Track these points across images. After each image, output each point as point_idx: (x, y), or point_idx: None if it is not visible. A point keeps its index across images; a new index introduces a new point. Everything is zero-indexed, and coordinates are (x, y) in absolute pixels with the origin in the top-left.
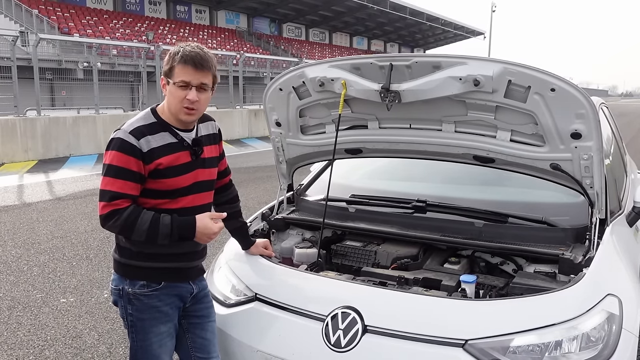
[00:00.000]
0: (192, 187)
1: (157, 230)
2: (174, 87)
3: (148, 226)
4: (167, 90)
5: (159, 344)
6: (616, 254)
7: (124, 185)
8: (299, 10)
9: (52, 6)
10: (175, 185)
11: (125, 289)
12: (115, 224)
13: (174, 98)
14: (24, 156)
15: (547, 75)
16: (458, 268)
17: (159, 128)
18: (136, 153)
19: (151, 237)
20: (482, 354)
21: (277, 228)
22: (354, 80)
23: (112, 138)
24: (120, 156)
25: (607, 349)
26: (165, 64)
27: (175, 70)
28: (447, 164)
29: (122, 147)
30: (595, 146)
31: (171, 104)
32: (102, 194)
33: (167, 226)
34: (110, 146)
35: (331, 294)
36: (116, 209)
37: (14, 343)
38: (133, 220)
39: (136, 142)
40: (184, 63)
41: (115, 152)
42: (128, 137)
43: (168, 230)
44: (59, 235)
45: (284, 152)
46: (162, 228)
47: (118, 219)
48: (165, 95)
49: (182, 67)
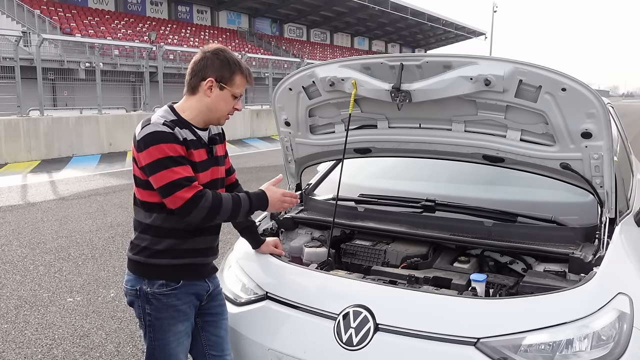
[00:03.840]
0: (209, 184)
1: (239, 207)
2: (230, 96)
3: (232, 205)
4: (218, 95)
5: (177, 343)
6: (626, 253)
7: (185, 169)
8: (301, 11)
9: (54, 6)
10: (200, 182)
11: (144, 289)
12: (203, 206)
13: (225, 104)
14: (27, 156)
15: (558, 74)
16: (468, 267)
17: (180, 125)
18: (177, 139)
19: (234, 215)
20: (494, 352)
21: (285, 227)
22: (364, 80)
23: (147, 134)
24: (168, 146)
25: (618, 348)
26: (220, 69)
27: (236, 81)
28: (456, 164)
29: (163, 137)
30: (605, 146)
31: (219, 108)
32: (172, 185)
33: (246, 200)
34: (148, 143)
35: (342, 292)
36: (198, 192)
37: (22, 342)
38: (219, 201)
39: (172, 130)
40: (244, 76)
41: (160, 144)
42: (163, 128)
43: (248, 205)
44: (63, 235)
45: (293, 151)
46: (244, 205)
47: (206, 201)
48: (207, 97)
49: (242, 79)
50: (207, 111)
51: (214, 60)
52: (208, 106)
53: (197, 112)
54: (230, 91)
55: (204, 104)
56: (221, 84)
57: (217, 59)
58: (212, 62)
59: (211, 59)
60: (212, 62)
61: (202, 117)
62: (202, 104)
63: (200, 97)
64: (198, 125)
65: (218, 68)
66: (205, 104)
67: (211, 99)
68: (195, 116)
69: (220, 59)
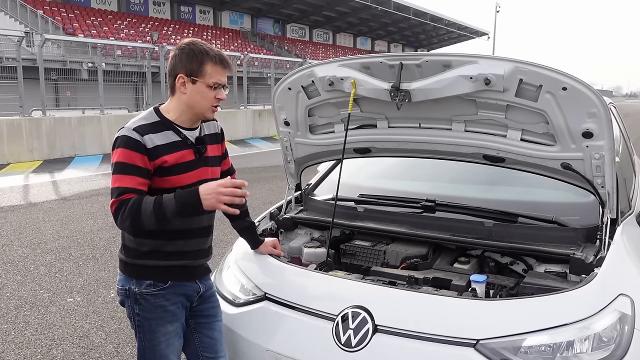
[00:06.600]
0: (196, 185)
1: (162, 208)
2: (206, 87)
3: (152, 207)
4: (192, 89)
5: (167, 344)
6: (627, 254)
7: (131, 180)
8: (303, 11)
9: (56, 7)
10: (180, 183)
11: (132, 289)
12: (123, 216)
13: (203, 97)
14: (29, 156)
15: (558, 74)
16: (468, 268)
17: (162, 127)
18: (141, 148)
19: (160, 217)
20: (494, 353)
21: (285, 228)
22: (363, 79)
23: (117, 137)
24: (126, 152)
25: (620, 349)
26: (188, 63)
27: (206, 70)
28: (457, 164)
29: (127, 143)
30: (606, 145)
31: (198, 102)
32: (112, 192)
33: (171, 200)
34: (115, 145)
35: (341, 293)
36: (120, 202)
37: (22, 342)
38: (137, 207)
39: (140, 138)
40: (215, 63)
41: (121, 149)
42: (132, 134)
43: (173, 204)
44: (65, 235)
45: (293, 151)
46: (167, 203)
47: (124, 210)
48: (183, 94)
49: (213, 67)
50: (187, 108)
51: (181, 56)
52: (187, 103)
53: (180, 112)
54: (203, 82)
55: (183, 101)
56: (192, 77)
57: (184, 53)
58: (180, 58)
59: (179, 55)
60: (180, 58)
61: (185, 115)
62: (181, 102)
63: (178, 95)
64: (184, 125)
65: (186, 62)
66: (184, 101)
67: (187, 95)
68: (179, 115)
69: (186, 53)
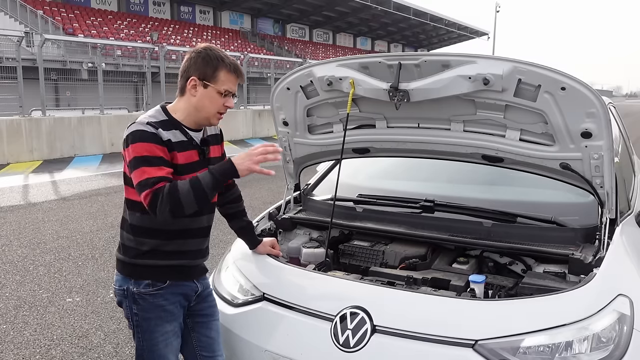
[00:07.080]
0: None
1: (200, 185)
2: (216, 93)
3: (190, 186)
4: (203, 93)
5: (165, 344)
6: (626, 254)
7: (159, 170)
8: (303, 11)
9: (56, 7)
10: None
11: (130, 288)
12: (162, 203)
13: (211, 103)
14: (29, 156)
15: (557, 73)
16: (466, 268)
17: (170, 126)
18: (158, 140)
19: (199, 195)
20: (492, 354)
21: (284, 228)
22: (362, 79)
23: (130, 132)
24: (146, 145)
25: (618, 350)
26: (203, 67)
27: (220, 77)
28: (456, 164)
29: (144, 136)
30: (605, 145)
31: (206, 107)
32: (141, 185)
33: (206, 175)
34: (129, 140)
35: (339, 293)
36: (157, 189)
37: (21, 342)
38: (174, 190)
39: (155, 131)
40: (229, 71)
41: (140, 143)
42: (147, 127)
43: (209, 178)
44: (64, 235)
45: (291, 151)
46: (204, 179)
47: (162, 197)
48: (193, 96)
49: (227, 75)
50: (194, 111)
51: (196, 59)
52: (195, 106)
53: (187, 113)
54: (215, 88)
55: (191, 104)
56: (204, 81)
57: (200, 57)
58: (195, 60)
59: (194, 58)
60: (195, 61)
61: (191, 117)
62: (190, 104)
63: (187, 97)
64: (190, 126)
65: (200, 66)
66: (192, 104)
67: (197, 98)
68: (186, 117)
69: (202, 57)
